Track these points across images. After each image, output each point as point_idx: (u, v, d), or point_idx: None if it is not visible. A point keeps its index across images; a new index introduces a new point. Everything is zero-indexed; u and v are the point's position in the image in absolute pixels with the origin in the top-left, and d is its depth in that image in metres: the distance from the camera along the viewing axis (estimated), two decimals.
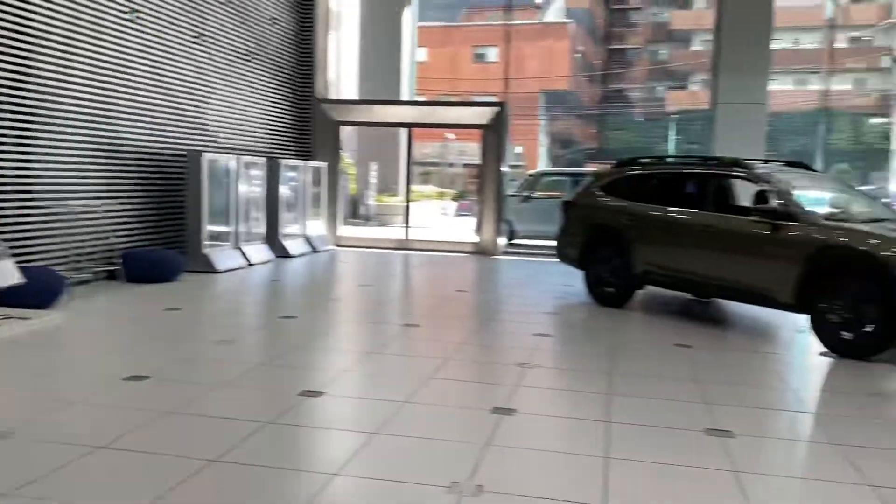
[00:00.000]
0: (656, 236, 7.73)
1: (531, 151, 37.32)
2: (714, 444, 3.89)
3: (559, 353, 6.36)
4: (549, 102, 38.72)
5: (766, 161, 8.03)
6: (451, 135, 31.71)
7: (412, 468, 3.50)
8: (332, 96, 15.44)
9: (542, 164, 35.48)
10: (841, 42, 37.95)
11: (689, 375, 5.33)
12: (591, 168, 22.00)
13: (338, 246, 13.71)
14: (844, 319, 6.00)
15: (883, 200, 14.90)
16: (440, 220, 22.49)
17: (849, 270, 6.10)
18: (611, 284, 8.13)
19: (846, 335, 5.99)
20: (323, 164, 13.48)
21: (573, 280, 9.10)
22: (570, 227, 8.83)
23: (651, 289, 8.36)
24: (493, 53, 37.78)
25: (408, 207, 14.45)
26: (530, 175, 15.97)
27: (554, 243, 9.21)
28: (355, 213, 20.04)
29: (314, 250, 12.68)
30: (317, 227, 13.24)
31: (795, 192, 6.86)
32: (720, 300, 8.31)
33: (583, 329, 7.31)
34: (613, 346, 6.30)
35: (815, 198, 7.40)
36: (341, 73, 20.36)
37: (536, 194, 15.06)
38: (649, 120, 39.55)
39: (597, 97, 43.36)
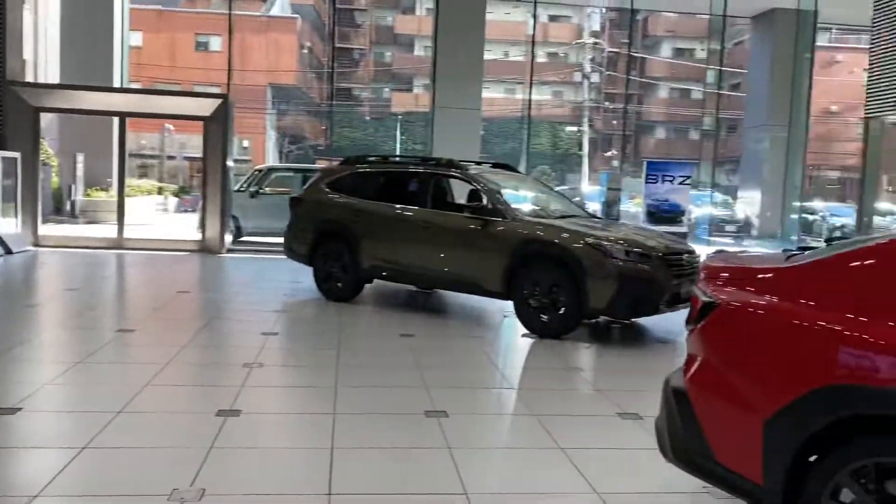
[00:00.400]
0: (382, 232, 8.04)
1: (259, 146, 36.47)
2: (432, 425, 4.19)
3: (287, 350, 6.36)
4: (276, 97, 38.12)
5: (477, 163, 8.74)
6: (170, 126, 29.80)
7: (129, 480, 3.31)
8: (30, 79, 13.74)
9: (271, 160, 34.86)
10: (542, 57, 42.36)
11: (412, 363, 5.66)
12: (320, 164, 22.11)
13: (38, 246, 12.27)
14: (542, 304, 6.78)
15: (575, 199, 16.87)
16: (160, 216, 21.10)
17: (546, 260, 6.88)
18: (340, 280, 8.30)
19: (544, 318, 6.78)
20: (16, 155, 11.96)
21: (303, 277, 9.13)
22: (299, 223, 8.84)
23: (379, 282, 8.67)
24: (216, 42, 36.21)
25: (122, 203, 13.34)
26: (258, 170, 15.57)
27: (283, 240, 9.15)
28: (59, 209, 18.03)
29: (8, 251, 11.22)
30: (10, 225, 11.73)
31: (503, 192, 7.59)
32: (441, 290, 8.89)
33: (312, 325, 7.37)
34: (342, 340, 6.44)
35: (519, 196, 8.24)
36: (42, 54, 18.18)
37: (264, 190, 14.78)
38: (377, 119, 40.75)
39: (325, 94, 43.61)
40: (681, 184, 15.86)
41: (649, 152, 41.26)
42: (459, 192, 8.61)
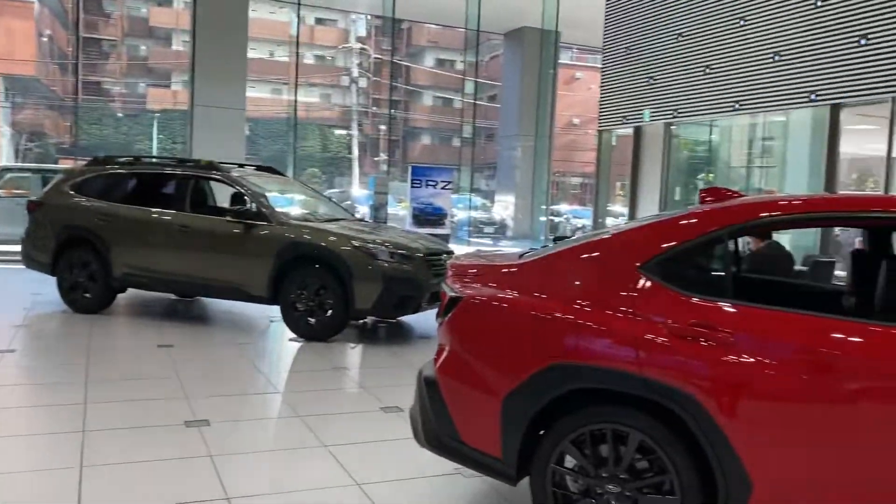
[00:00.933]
0: (136, 238, 7.59)
1: None
2: (192, 435, 4.09)
3: (27, 367, 5.78)
4: (11, 88, 34.04)
5: (241, 165, 8.56)
6: None
7: None
8: None
9: (4, 159, 31.07)
10: (309, 59, 42.14)
11: (171, 373, 5.43)
12: (64, 164, 20.18)
13: None
14: (309, 307, 6.84)
15: (346, 203, 17.04)
16: None
17: (312, 264, 6.94)
18: (88, 290, 7.70)
19: (311, 321, 6.84)
20: None
21: (45, 287, 8.34)
22: (39, 229, 8.06)
23: (134, 291, 8.17)
24: None
25: None
26: None
27: (20, 248, 8.28)
28: None
29: None
30: None
31: (267, 195, 7.51)
32: (203, 298, 8.58)
33: (56, 339, 6.76)
34: (92, 354, 5.99)
35: (285, 199, 8.21)
36: None
37: None
38: (130, 116, 37.98)
39: (70, 88, 39.81)
40: (443, 188, 16.69)
41: (415, 157, 42.75)
42: (221, 195, 8.38)
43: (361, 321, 7.73)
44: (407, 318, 7.83)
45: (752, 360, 2.53)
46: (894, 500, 2.40)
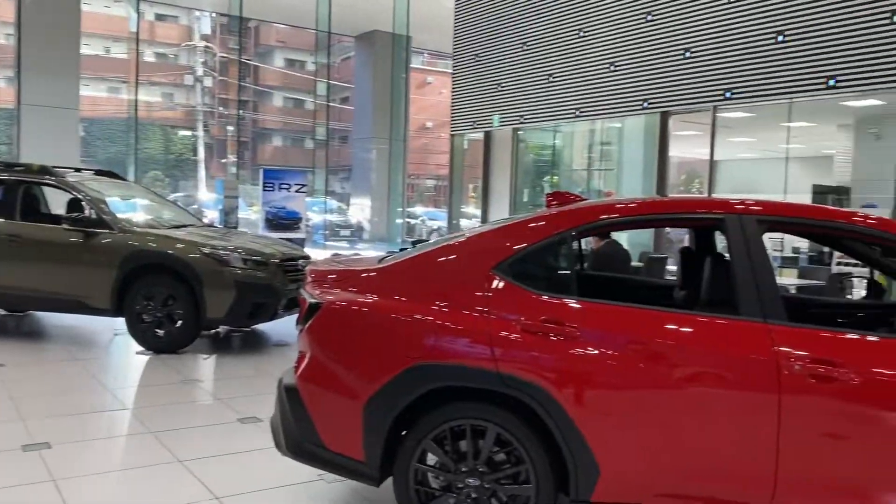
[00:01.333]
0: None
1: None
2: (32, 459, 3.81)
3: None
4: None
5: (77, 170, 8.02)
6: None
7: None
8: None
9: None
10: (149, 56, 39.99)
11: (3, 395, 5.02)
12: None
13: None
14: (157, 318, 6.53)
15: (192, 207, 16.37)
16: None
17: (159, 273, 6.62)
18: None
19: (160, 332, 6.54)
20: None
21: None
22: None
23: None
24: None
25: None
26: None
27: None
28: None
29: None
30: None
31: (108, 200, 7.09)
32: (38, 312, 7.97)
33: None
34: None
35: (127, 205, 7.78)
36: None
37: None
38: None
39: None
40: (297, 191, 16.43)
41: (266, 160, 41.70)
42: (56, 201, 7.83)
43: (214, 331, 7.48)
44: (262, 326, 7.66)
45: (596, 352, 2.73)
46: (728, 481, 2.66)
